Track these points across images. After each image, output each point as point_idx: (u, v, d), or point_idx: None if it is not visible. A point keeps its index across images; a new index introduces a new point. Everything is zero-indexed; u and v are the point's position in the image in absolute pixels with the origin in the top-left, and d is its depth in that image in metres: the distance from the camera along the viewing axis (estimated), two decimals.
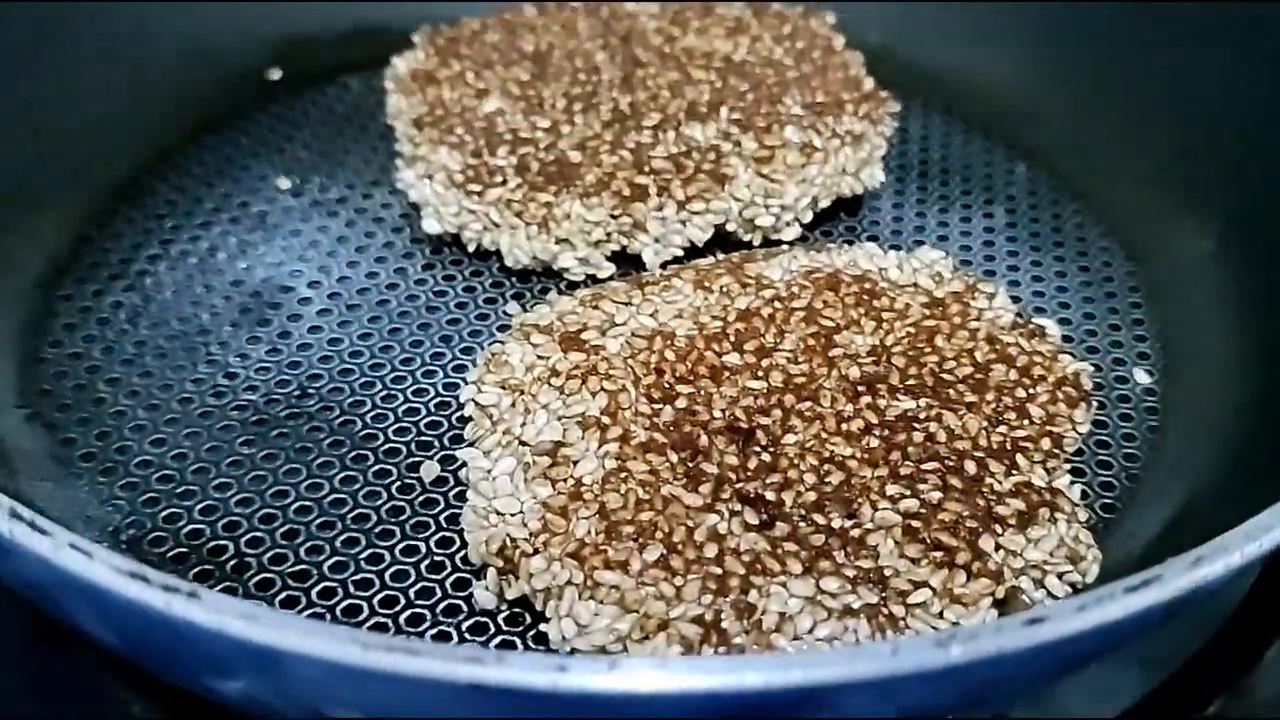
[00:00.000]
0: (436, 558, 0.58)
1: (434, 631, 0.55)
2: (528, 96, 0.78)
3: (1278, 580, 0.59)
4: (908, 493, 0.56)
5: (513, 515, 0.55)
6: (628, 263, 0.72)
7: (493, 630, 0.55)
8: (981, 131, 0.86)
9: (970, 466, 0.57)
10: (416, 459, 0.63)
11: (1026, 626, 0.40)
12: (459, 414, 0.64)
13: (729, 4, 0.87)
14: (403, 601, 0.56)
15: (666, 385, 0.60)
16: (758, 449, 0.57)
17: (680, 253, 0.72)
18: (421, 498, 0.61)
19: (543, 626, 0.53)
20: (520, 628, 0.55)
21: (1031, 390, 0.61)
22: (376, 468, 0.62)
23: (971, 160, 0.84)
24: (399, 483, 0.61)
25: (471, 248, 0.73)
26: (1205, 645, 0.58)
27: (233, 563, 0.57)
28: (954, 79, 0.88)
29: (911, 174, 0.83)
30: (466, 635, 0.55)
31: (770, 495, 0.55)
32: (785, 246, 0.73)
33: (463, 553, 0.58)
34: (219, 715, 0.52)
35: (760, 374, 0.61)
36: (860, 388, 0.60)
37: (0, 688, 0.57)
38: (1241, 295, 0.70)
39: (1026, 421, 0.60)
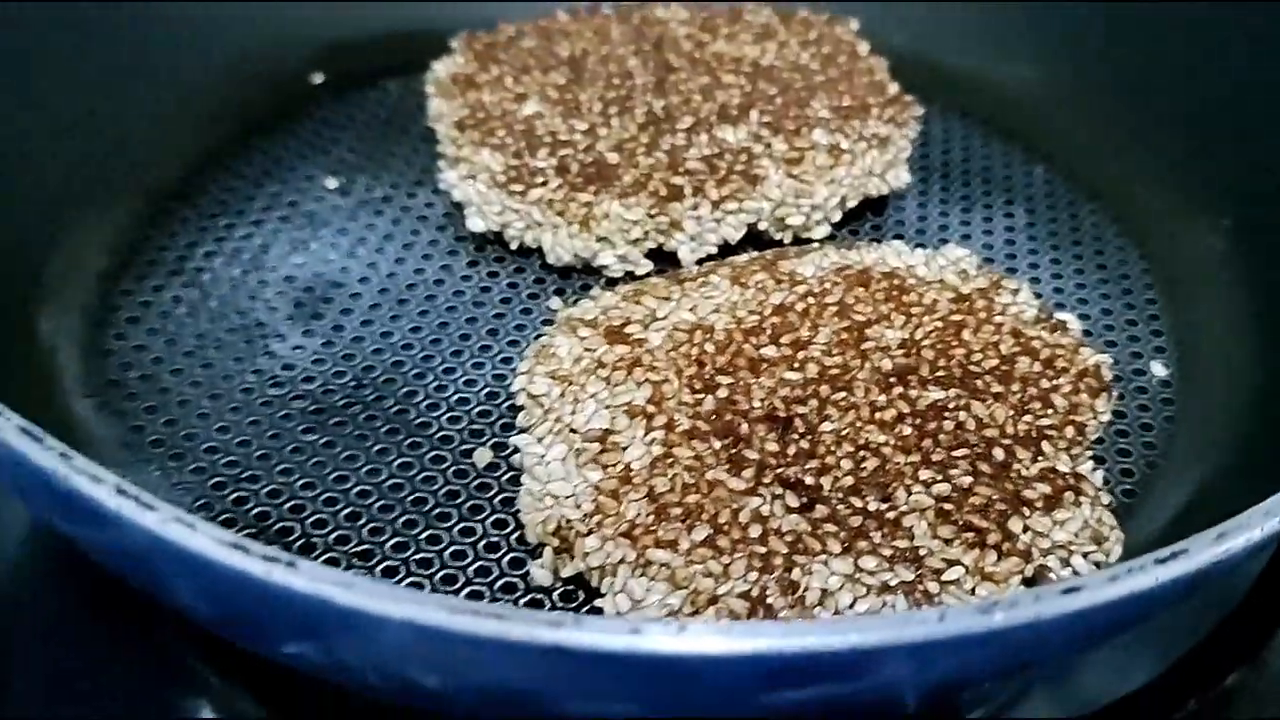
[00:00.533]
0: (492, 538, 0.61)
1: None
2: (565, 100, 0.81)
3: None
4: (940, 477, 0.59)
5: (567, 498, 0.58)
6: (664, 260, 0.75)
7: (548, 606, 0.58)
8: (1001, 133, 0.89)
9: (998, 453, 0.60)
10: (469, 445, 0.65)
11: (1063, 595, 0.43)
12: (508, 403, 0.67)
13: (756, 10, 0.90)
14: (462, 579, 0.59)
15: (707, 376, 0.63)
16: (796, 436, 0.60)
17: (715, 250, 0.75)
18: (476, 482, 0.64)
19: (597, 602, 0.56)
20: (574, 604, 0.58)
21: (1055, 381, 0.64)
22: (432, 454, 0.65)
23: (992, 161, 0.87)
24: (454, 468, 0.64)
25: (514, 245, 0.76)
26: (1221, 623, 0.61)
27: (300, 543, 0.60)
28: (975, 82, 0.91)
29: (934, 174, 0.86)
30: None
31: (809, 480, 0.58)
32: (816, 244, 0.76)
33: (517, 534, 0.61)
34: (294, 685, 0.56)
35: (796, 366, 0.64)
36: (892, 379, 0.63)
37: (76, 663, 0.60)
38: (1253, 291, 0.73)
39: (1051, 410, 0.63)
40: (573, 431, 0.61)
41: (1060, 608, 0.43)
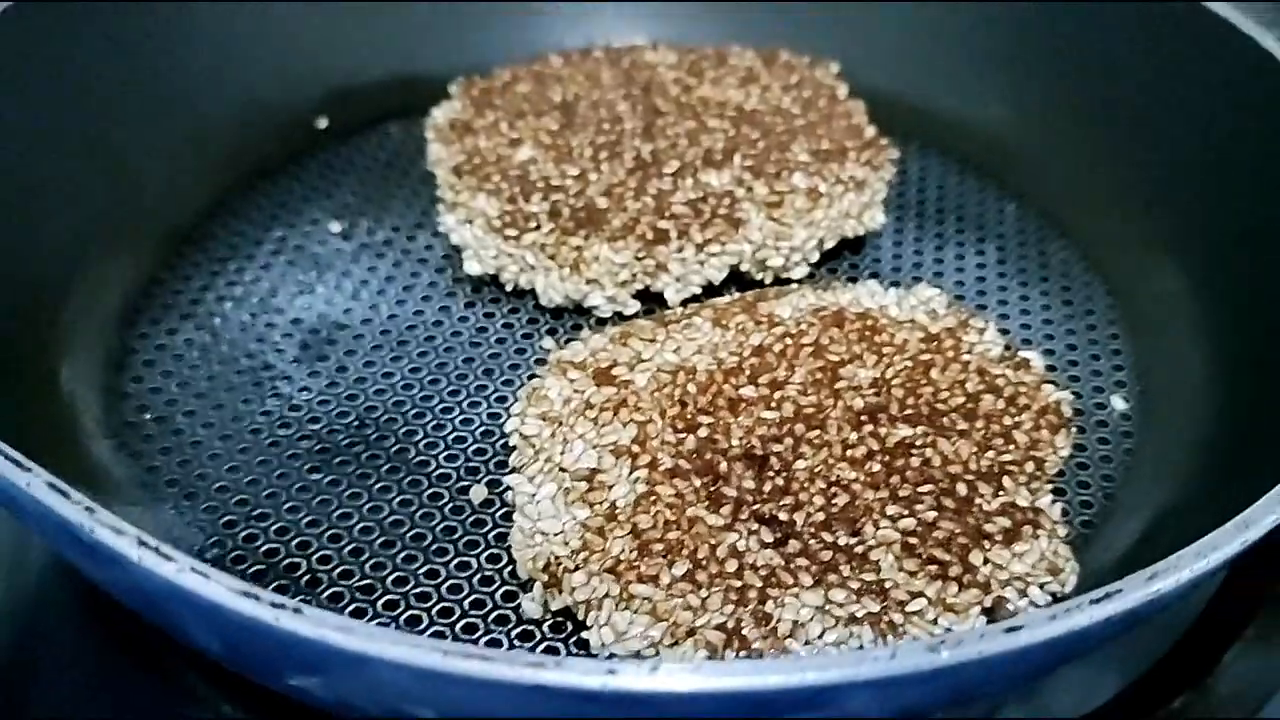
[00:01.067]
0: (486, 572, 0.65)
1: (486, 638, 0.62)
2: (557, 145, 0.85)
3: (1234, 590, 0.66)
4: (906, 512, 0.62)
5: (555, 535, 0.62)
6: (651, 299, 0.79)
7: (539, 637, 0.62)
8: (975, 171, 0.93)
9: (962, 488, 0.64)
10: (466, 483, 0.69)
11: (1006, 633, 0.47)
12: (502, 442, 0.71)
13: (741, 53, 0.94)
14: (458, 612, 0.63)
15: (689, 416, 0.67)
16: (771, 474, 0.64)
17: (699, 290, 0.79)
18: (471, 518, 0.68)
19: (584, 634, 0.60)
20: (563, 635, 0.62)
21: (1017, 418, 0.68)
22: (430, 491, 0.69)
23: (965, 199, 0.91)
24: (451, 504, 0.68)
25: (509, 287, 0.80)
26: (1171, 649, 0.65)
27: (306, 578, 0.64)
28: (950, 122, 0.95)
29: (910, 212, 0.90)
30: (515, 642, 0.62)
31: (783, 516, 0.62)
32: (794, 285, 0.79)
33: (510, 568, 0.64)
34: (300, 714, 0.60)
35: (773, 405, 0.67)
36: (863, 417, 0.67)
37: (90, 689, 0.64)
38: (1213, 329, 0.76)
39: (1012, 446, 0.67)
40: (562, 470, 0.65)
41: (1003, 645, 0.47)
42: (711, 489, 0.63)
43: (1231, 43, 0.81)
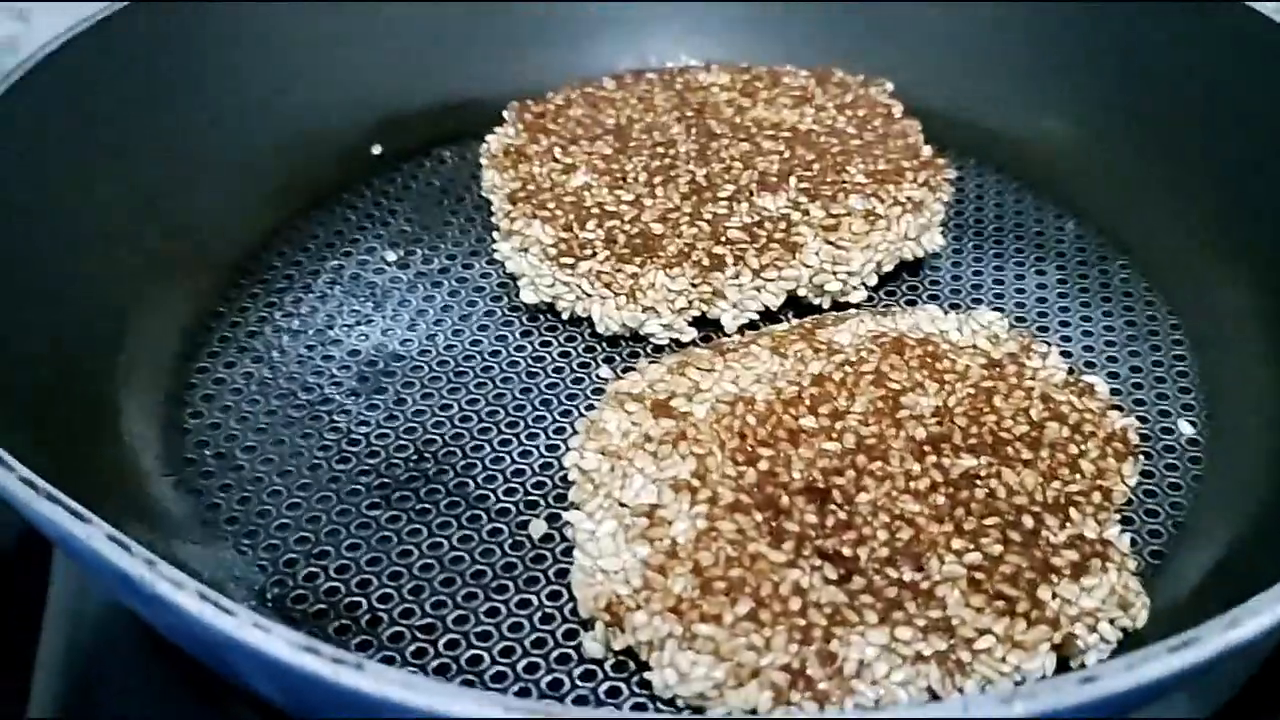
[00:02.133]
0: (548, 610, 0.65)
1: (549, 679, 0.61)
2: (612, 170, 0.84)
3: None
4: (971, 546, 0.62)
5: (616, 573, 0.62)
6: (707, 326, 0.79)
7: (601, 676, 0.62)
8: (1033, 189, 0.92)
9: (1028, 521, 0.63)
10: (525, 517, 0.69)
11: (1080, 685, 0.46)
12: (561, 474, 0.71)
13: (794, 72, 0.93)
14: (519, 651, 0.63)
15: (749, 448, 0.66)
16: (834, 507, 0.63)
17: (756, 316, 0.79)
18: (531, 554, 0.67)
19: (646, 674, 0.59)
20: (626, 674, 0.62)
21: (1083, 446, 0.67)
22: (490, 526, 0.69)
23: (1024, 218, 0.90)
24: (510, 540, 0.68)
25: (565, 315, 0.80)
26: (1246, 683, 0.64)
27: (367, 618, 0.64)
28: (1007, 139, 0.94)
29: (968, 232, 0.89)
30: (578, 682, 0.61)
31: (847, 551, 0.61)
32: (853, 310, 0.79)
33: (571, 605, 0.64)
34: None
35: (834, 436, 0.67)
36: (926, 447, 0.66)
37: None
38: None
39: (1079, 476, 0.66)
40: (622, 506, 0.64)
41: (1077, 697, 0.46)
42: (773, 524, 0.62)
43: None
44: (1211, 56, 0.86)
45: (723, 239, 0.78)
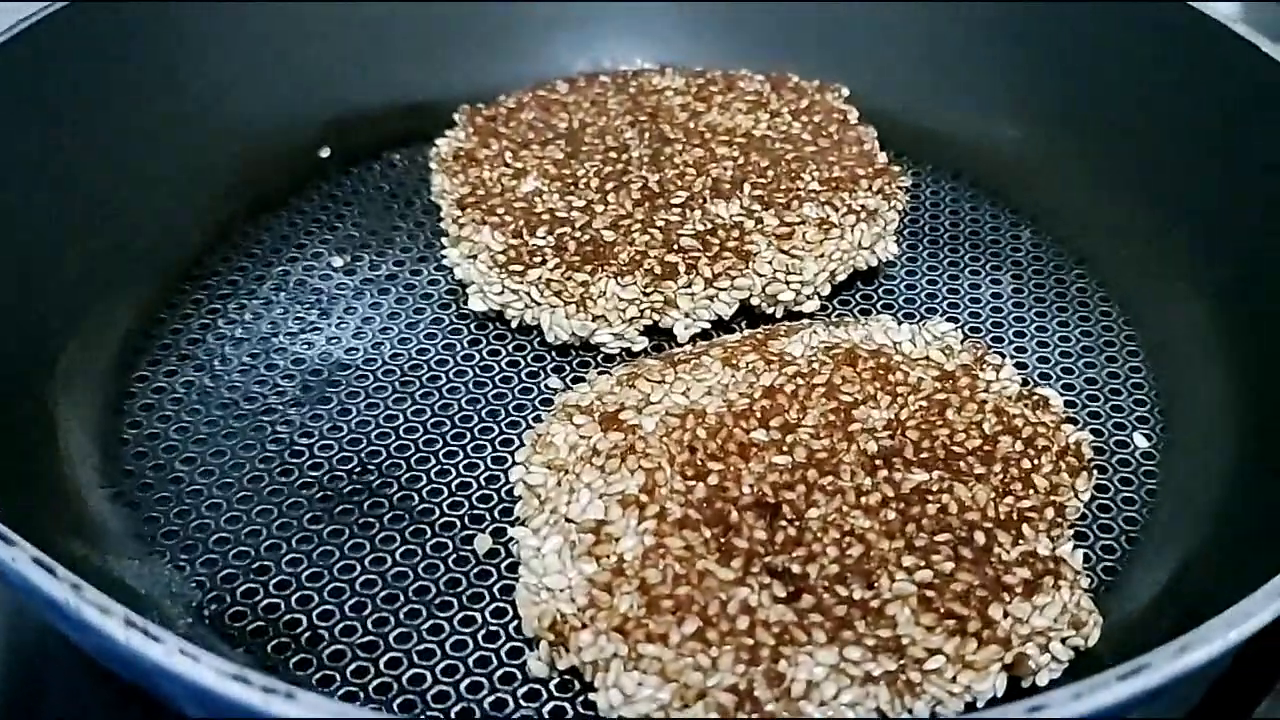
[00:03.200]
0: (492, 627, 0.63)
1: (492, 698, 0.60)
2: (563, 176, 0.83)
3: (1265, 641, 0.64)
4: (922, 564, 0.61)
5: (561, 591, 0.61)
6: (659, 335, 0.78)
7: (545, 696, 0.61)
8: (989, 196, 0.91)
9: (980, 537, 0.62)
10: (470, 532, 0.68)
11: (1028, 714, 0.45)
12: (507, 488, 0.70)
13: (750, 77, 0.92)
14: (462, 670, 0.62)
15: (699, 463, 0.65)
16: (784, 523, 0.62)
17: (708, 325, 0.78)
18: (476, 570, 0.66)
19: (592, 695, 0.58)
20: (570, 693, 0.60)
21: (1036, 461, 0.66)
22: (433, 541, 0.67)
23: (979, 226, 0.89)
24: (455, 555, 0.67)
25: (514, 324, 0.79)
26: (1199, 703, 0.63)
27: (307, 635, 0.63)
28: (963, 145, 0.94)
29: (923, 240, 0.88)
30: (522, 702, 0.60)
31: (796, 568, 0.60)
32: (806, 319, 0.78)
33: (516, 622, 0.63)
34: None
35: (785, 449, 0.66)
36: (877, 461, 0.65)
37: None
38: (1237, 359, 0.75)
39: (1032, 491, 0.65)
40: (569, 521, 0.63)
41: None
42: (722, 540, 0.61)
43: (1248, 59, 0.79)
44: (1166, 63, 0.85)
45: (675, 247, 0.77)
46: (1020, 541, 0.62)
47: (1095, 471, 0.68)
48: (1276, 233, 0.76)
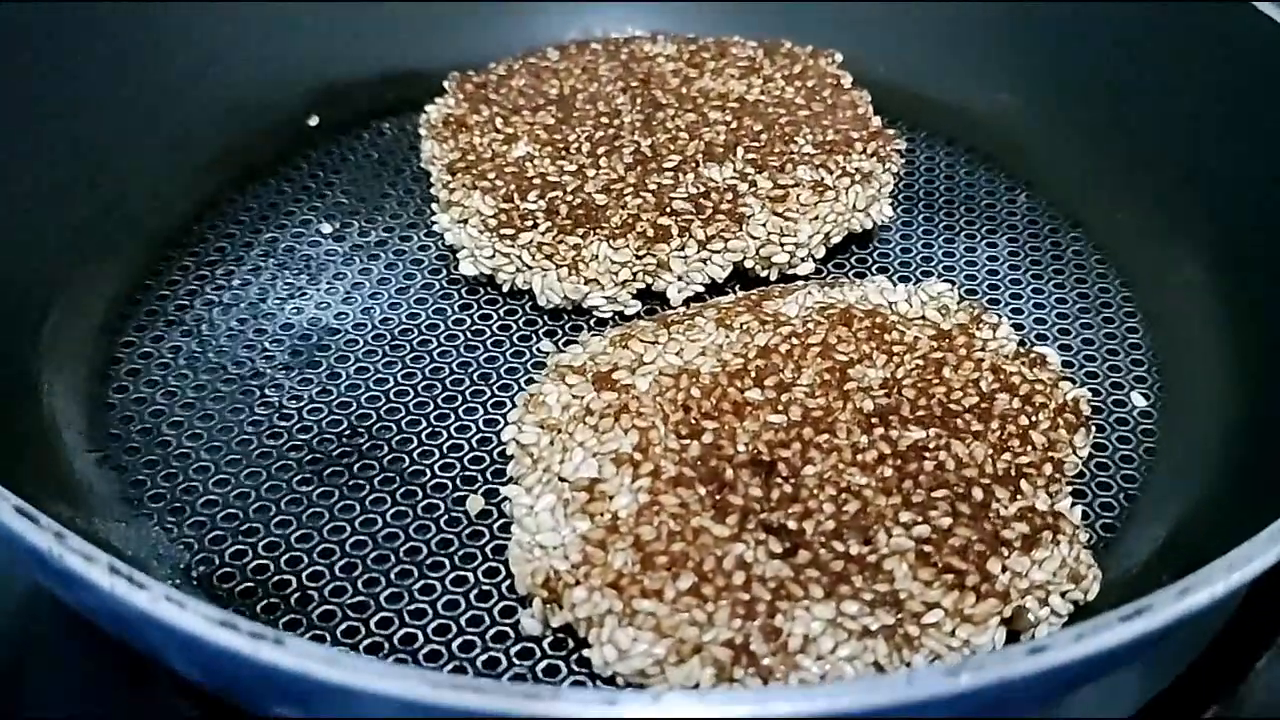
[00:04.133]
0: (484, 587, 0.63)
1: (484, 657, 0.60)
2: (554, 141, 0.82)
3: (1264, 596, 0.64)
4: (920, 519, 0.60)
5: (555, 548, 0.60)
6: (652, 299, 0.77)
7: (539, 655, 0.60)
8: (984, 161, 0.91)
9: (977, 493, 0.61)
10: (462, 493, 0.67)
11: (1029, 655, 0.44)
12: (500, 449, 0.69)
13: (742, 43, 0.91)
14: (454, 629, 0.61)
15: (693, 421, 0.64)
16: (779, 480, 0.61)
17: (702, 289, 0.77)
18: (468, 530, 0.65)
19: (586, 652, 0.57)
20: (564, 651, 0.60)
21: (1034, 417, 0.65)
22: (425, 502, 0.67)
23: (974, 190, 0.88)
24: (446, 516, 0.66)
25: (506, 288, 0.78)
26: (1199, 657, 0.62)
27: (296, 596, 0.62)
28: (958, 111, 0.93)
29: (918, 204, 0.87)
30: (515, 660, 0.59)
31: (792, 524, 0.59)
32: (800, 282, 0.77)
33: (508, 582, 0.62)
34: None
35: (780, 408, 0.65)
36: (874, 419, 0.64)
37: (78, 701, 0.62)
38: (1233, 318, 0.74)
39: (1029, 448, 0.64)
40: (562, 480, 0.62)
41: (1026, 668, 0.44)
42: (717, 497, 0.61)
43: (1247, 21, 0.79)
44: (1162, 25, 0.84)
45: (668, 210, 0.76)
46: (1018, 497, 0.62)
47: (1093, 428, 0.67)
48: (1272, 196, 0.75)
